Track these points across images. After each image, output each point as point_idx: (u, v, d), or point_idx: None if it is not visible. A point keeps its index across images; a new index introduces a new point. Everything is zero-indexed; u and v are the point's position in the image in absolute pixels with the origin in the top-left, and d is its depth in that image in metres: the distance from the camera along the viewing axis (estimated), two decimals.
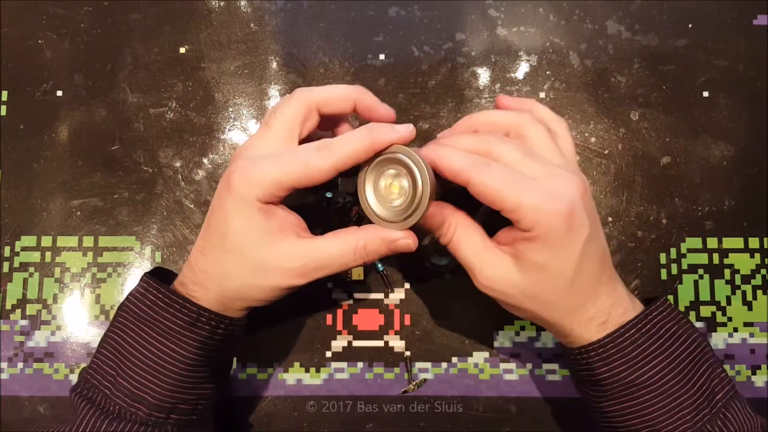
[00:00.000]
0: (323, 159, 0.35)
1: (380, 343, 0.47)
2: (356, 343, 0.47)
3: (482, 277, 0.36)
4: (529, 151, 0.36)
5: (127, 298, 0.38)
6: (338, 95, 0.38)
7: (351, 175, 0.38)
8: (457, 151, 0.35)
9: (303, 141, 0.38)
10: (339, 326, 0.48)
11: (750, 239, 0.48)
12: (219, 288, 0.37)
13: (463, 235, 0.37)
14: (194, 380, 0.37)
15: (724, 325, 0.47)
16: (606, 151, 0.49)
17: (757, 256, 0.48)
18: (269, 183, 0.35)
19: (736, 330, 0.47)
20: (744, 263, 0.48)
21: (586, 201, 0.35)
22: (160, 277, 0.39)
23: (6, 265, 0.49)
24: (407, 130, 0.36)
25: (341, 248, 0.36)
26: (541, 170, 0.35)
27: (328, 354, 0.47)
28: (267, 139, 0.37)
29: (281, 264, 0.36)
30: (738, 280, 0.48)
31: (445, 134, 0.40)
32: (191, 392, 0.37)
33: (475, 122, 0.40)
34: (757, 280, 0.48)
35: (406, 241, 0.37)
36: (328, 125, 0.42)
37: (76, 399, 0.37)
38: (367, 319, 0.48)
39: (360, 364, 0.47)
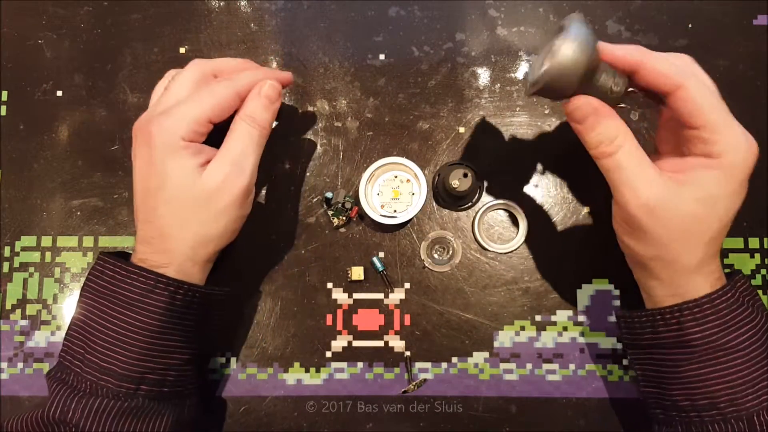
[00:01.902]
0: (226, 87, 0.39)
1: (380, 343, 0.47)
2: (356, 343, 0.47)
3: (644, 196, 0.34)
4: (714, 89, 0.36)
5: (87, 277, 0.39)
6: (230, 65, 0.42)
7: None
8: (670, 60, 0.35)
9: None
10: (339, 326, 0.48)
11: (750, 239, 0.48)
12: (179, 244, 0.38)
13: (630, 150, 0.35)
14: (160, 348, 0.38)
15: None
16: None
17: (757, 256, 0.48)
18: (189, 120, 0.38)
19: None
20: (744, 263, 0.48)
21: None
22: (121, 257, 0.40)
23: (6, 265, 0.49)
24: (286, 75, 0.43)
25: (240, 132, 0.39)
26: (732, 119, 0.35)
27: (328, 354, 0.47)
28: (168, 96, 0.39)
29: (215, 182, 0.38)
30: None
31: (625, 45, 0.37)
32: (159, 361, 0.38)
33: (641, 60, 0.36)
34: (757, 280, 0.48)
35: (267, 83, 0.40)
36: None
37: (50, 382, 0.38)
38: (367, 319, 0.48)
39: (360, 364, 0.47)
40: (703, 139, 0.34)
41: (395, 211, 0.47)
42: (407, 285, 0.48)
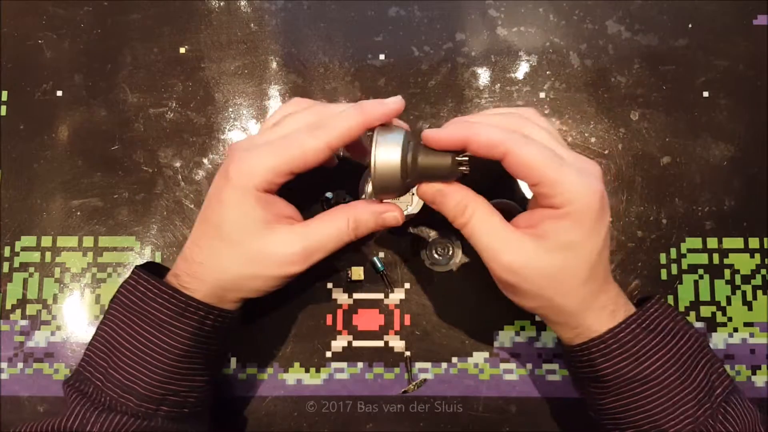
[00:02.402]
0: (317, 138, 0.36)
1: (380, 343, 0.47)
2: (356, 343, 0.47)
3: (504, 259, 0.35)
4: (554, 134, 0.36)
5: (118, 290, 0.39)
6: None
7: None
8: (493, 126, 0.34)
9: None
10: (339, 326, 0.48)
11: (750, 239, 0.48)
12: (215, 279, 0.37)
13: (482, 217, 0.36)
14: (184, 372, 0.37)
15: (724, 325, 0.47)
16: (606, 151, 0.49)
17: (757, 256, 0.48)
18: (266, 170, 0.36)
19: (736, 330, 0.47)
20: (744, 263, 0.48)
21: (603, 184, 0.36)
22: (153, 271, 0.39)
23: (6, 265, 0.49)
24: (396, 102, 0.36)
25: (333, 227, 0.37)
26: (567, 151, 0.35)
27: (328, 354, 0.47)
28: (269, 134, 0.38)
29: (277, 251, 0.36)
30: (738, 280, 0.48)
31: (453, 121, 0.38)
32: (182, 384, 0.37)
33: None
34: (757, 280, 0.48)
35: (393, 213, 0.37)
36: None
37: (69, 391, 0.38)
38: (367, 319, 0.48)
39: (360, 364, 0.47)
40: (544, 193, 0.34)
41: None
42: (407, 285, 0.48)
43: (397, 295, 0.48)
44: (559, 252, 0.34)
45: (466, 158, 0.35)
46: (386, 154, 0.35)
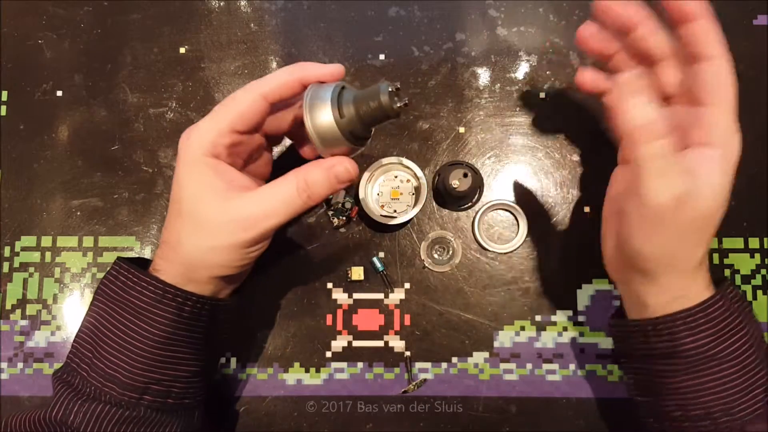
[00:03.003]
0: (250, 91, 0.37)
1: (380, 343, 0.47)
2: (356, 343, 0.47)
3: (676, 186, 0.33)
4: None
5: (101, 281, 0.39)
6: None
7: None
8: (646, 108, 0.34)
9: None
10: (339, 326, 0.48)
11: (750, 239, 0.48)
12: (178, 256, 0.38)
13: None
14: (166, 360, 0.37)
15: None
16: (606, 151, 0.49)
17: (757, 256, 0.48)
18: (208, 132, 0.36)
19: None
20: (744, 263, 0.48)
21: None
22: (140, 263, 0.40)
23: (6, 265, 0.49)
24: (335, 66, 0.37)
25: (283, 190, 0.36)
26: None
27: (328, 354, 0.47)
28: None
29: (226, 218, 0.36)
30: (738, 280, 0.48)
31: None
32: (164, 372, 0.37)
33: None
34: (757, 280, 0.48)
35: (343, 165, 0.36)
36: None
37: (55, 382, 0.38)
38: (367, 319, 0.48)
39: (360, 364, 0.47)
40: (705, 123, 0.34)
41: (395, 211, 0.47)
42: (407, 285, 0.48)
43: (397, 295, 0.48)
44: (716, 196, 0.34)
45: (398, 86, 0.34)
46: (317, 109, 0.34)
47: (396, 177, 0.48)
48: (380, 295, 0.48)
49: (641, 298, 0.38)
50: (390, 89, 0.34)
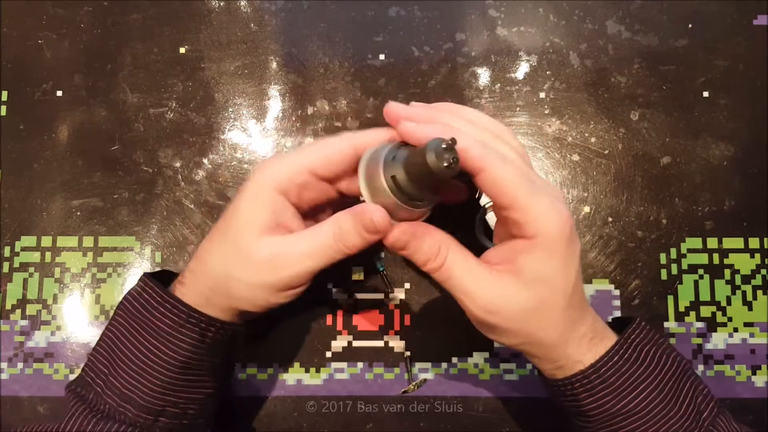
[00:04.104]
0: (341, 138, 0.35)
1: (380, 343, 0.47)
2: (356, 343, 0.47)
3: (482, 302, 0.34)
4: (525, 157, 0.35)
5: (124, 297, 0.38)
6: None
7: None
8: (473, 136, 0.32)
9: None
10: (339, 326, 0.48)
11: (750, 239, 0.48)
12: (205, 275, 0.36)
13: (456, 259, 0.34)
14: (184, 383, 0.37)
15: (724, 325, 0.47)
16: (606, 151, 0.49)
17: (757, 256, 0.48)
18: (286, 166, 0.35)
19: (736, 330, 0.47)
20: (744, 263, 0.48)
21: None
22: (165, 278, 0.39)
23: (6, 265, 0.49)
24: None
25: (320, 233, 0.35)
26: (536, 174, 0.34)
27: (328, 354, 0.47)
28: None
29: (258, 256, 0.34)
30: (738, 280, 0.48)
31: (401, 111, 0.35)
32: (181, 395, 0.37)
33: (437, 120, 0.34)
34: (757, 280, 0.48)
35: (372, 212, 0.33)
36: None
37: (69, 395, 0.37)
38: (367, 319, 0.48)
39: (360, 364, 0.47)
40: (514, 219, 0.32)
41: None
42: (407, 285, 0.48)
43: (397, 295, 0.48)
44: (536, 285, 0.33)
45: (451, 141, 0.30)
46: (371, 172, 0.32)
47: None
48: (380, 295, 0.48)
49: (535, 365, 0.38)
50: (442, 145, 0.29)
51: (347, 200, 0.39)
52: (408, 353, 0.47)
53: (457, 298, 0.35)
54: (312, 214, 0.39)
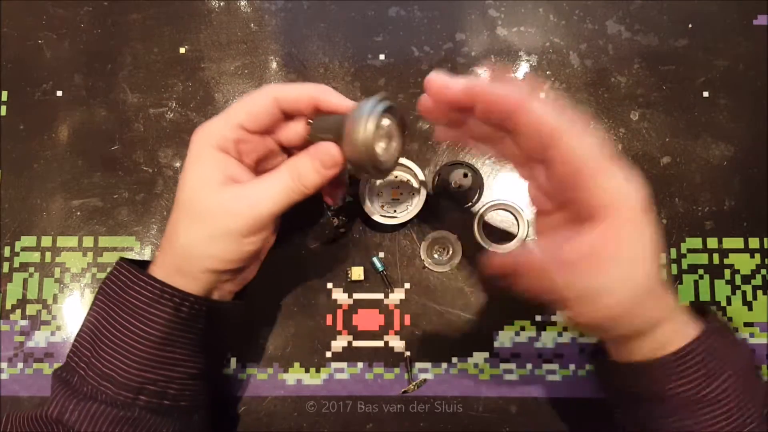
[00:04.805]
0: (263, 92, 0.37)
1: (380, 343, 0.47)
2: (356, 343, 0.47)
3: (607, 300, 0.32)
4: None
5: (103, 281, 0.39)
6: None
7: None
8: (547, 103, 0.31)
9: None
10: (339, 326, 0.48)
11: (750, 239, 0.48)
12: (173, 247, 0.38)
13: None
14: (162, 360, 0.37)
15: None
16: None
17: (757, 256, 0.48)
18: (218, 126, 0.37)
19: (736, 330, 0.47)
20: (744, 263, 0.48)
21: None
22: (142, 266, 0.39)
23: (6, 265, 0.49)
24: (352, 105, 0.36)
25: (278, 179, 0.36)
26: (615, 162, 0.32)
27: (328, 354, 0.47)
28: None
29: (222, 207, 0.36)
30: (738, 280, 0.48)
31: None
32: (159, 372, 0.37)
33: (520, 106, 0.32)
34: (757, 280, 0.48)
35: (327, 151, 0.35)
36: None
37: (54, 381, 0.38)
38: (367, 319, 0.48)
39: (360, 364, 0.47)
40: (591, 189, 0.31)
41: (395, 211, 0.47)
42: (407, 285, 0.48)
43: (397, 295, 0.48)
44: (630, 261, 0.32)
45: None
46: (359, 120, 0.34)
47: (396, 177, 0.48)
48: (380, 295, 0.48)
49: (622, 342, 0.37)
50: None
51: (291, 152, 0.41)
52: (408, 353, 0.47)
53: (571, 312, 0.33)
54: (258, 166, 0.40)
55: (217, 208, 0.36)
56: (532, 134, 0.31)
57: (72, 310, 0.48)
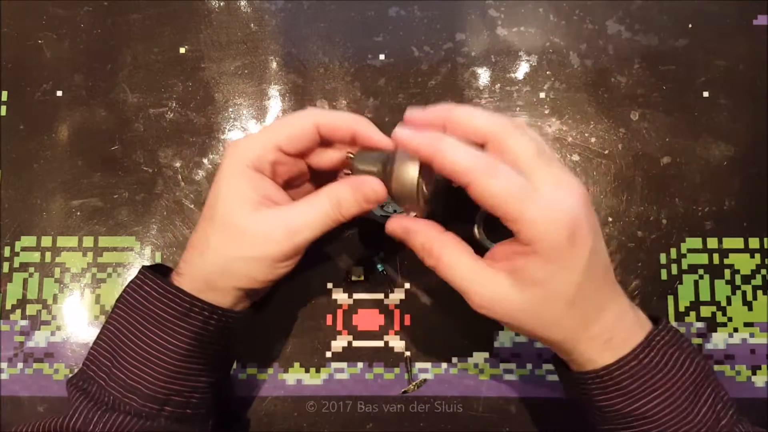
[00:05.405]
0: (303, 115, 0.37)
1: (380, 343, 0.47)
2: (356, 343, 0.47)
3: (477, 297, 0.34)
4: (542, 147, 0.34)
5: (124, 290, 0.39)
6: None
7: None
8: (463, 147, 0.32)
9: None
10: (339, 326, 0.48)
11: (750, 239, 0.48)
12: (204, 262, 0.37)
13: (452, 257, 0.35)
14: (188, 372, 0.37)
15: (724, 325, 0.47)
16: (606, 151, 0.49)
17: (757, 256, 0.48)
18: (255, 144, 0.37)
19: (736, 330, 0.47)
20: (744, 263, 0.48)
21: (589, 210, 0.33)
22: (161, 272, 0.39)
23: (6, 265, 0.49)
24: (389, 142, 0.37)
25: (317, 206, 0.36)
26: (549, 175, 0.33)
27: (328, 354, 0.47)
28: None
29: (259, 230, 0.36)
30: (738, 280, 0.48)
31: (412, 118, 0.36)
32: (185, 384, 0.37)
33: (448, 119, 0.35)
34: (757, 280, 0.48)
35: (370, 184, 0.36)
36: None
37: (72, 390, 0.38)
38: (367, 319, 0.48)
39: (360, 364, 0.47)
40: (511, 228, 0.32)
41: (395, 211, 0.47)
42: (407, 285, 0.48)
43: (397, 295, 0.48)
44: (531, 288, 0.33)
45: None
46: (405, 164, 0.36)
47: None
48: (380, 295, 0.48)
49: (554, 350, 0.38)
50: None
51: (319, 178, 0.42)
52: (408, 353, 0.47)
53: (460, 293, 0.36)
54: (288, 188, 0.40)
55: (255, 231, 0.36)
56: (451, 177, 0.33)
57: (72, 310, 0.48)
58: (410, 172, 0.35)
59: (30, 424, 0.37)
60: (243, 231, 0.36)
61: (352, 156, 0.38)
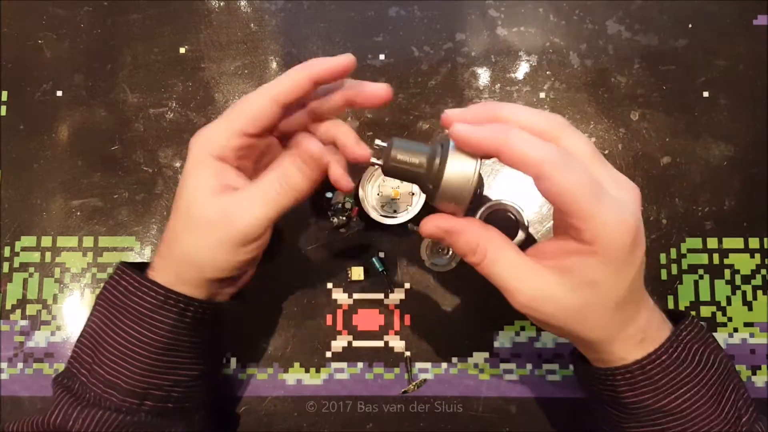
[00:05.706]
0: (260, 94, 0.36)
1: (380, 343, 0.47)
2: (356, 343, 0.47)
3: (521, 296, 0.32)
4: (594, 147, 0.33)
5: (103, 287, 0.39)
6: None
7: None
8: (534, 138, 0.31)
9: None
10: (339, 326, 0.48)
11: (750, 239, 0.48)
12: (172, 254, 0.37)
13: (497, 252, 0.33)
14: (167, 365, 0.37)
15: (724, 325, 0.47)
16: (606, 151, 0.49)
17: (757, 256, 0.48)
18: (218, 134, 0.37)
19: (736, 330, 0.47)
20: (744, 263, 0.48)
21: (641, 211, 0.33)
22: (140, 268, 0.39)
23: (6, 265, 0.49)
24: (345, 59, 0.36)
25: (268, 184, 0.36)
26: (607, 174, 0.32)
27: (328, 354, 0.47)
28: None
29: (215, 216, 0.36)
30: (738, 280, 0.48)
31: (457, 115, 0.34)
32: (165, 378, 0.37)
33: (497, 117, 0.33)
34: (757, 280, 0.48)
35: (311, 146, 0.35)
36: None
37: (55, 387, 0.38)
38: (367, 319, 0.48)
39: (360, 365, 0.47)
40: (574, 225, 0.31)
41: (395, 211, 0.47)
42: (407, 285, 0.48)
43: (397, 295, 0.48)
44: (584, 289, 0.32)
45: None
46: (460, 160, 0.33)
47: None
48: (380, 295, 0.48)
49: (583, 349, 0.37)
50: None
51: (291, 136, 0.39)
52: (408, 353, 0.47)
53: (502, 292, 0.34)
54: (258, 163, 0.40)
55: (213, 217, 0.36)
56: (520, 169, 0.31)
57: (72, 310, 0.48)
58: (469, 170, 0.32)
59: (17, 422, 0.37)
60: (202, 218, 0.36)
61: (377, 163, 0.35)
